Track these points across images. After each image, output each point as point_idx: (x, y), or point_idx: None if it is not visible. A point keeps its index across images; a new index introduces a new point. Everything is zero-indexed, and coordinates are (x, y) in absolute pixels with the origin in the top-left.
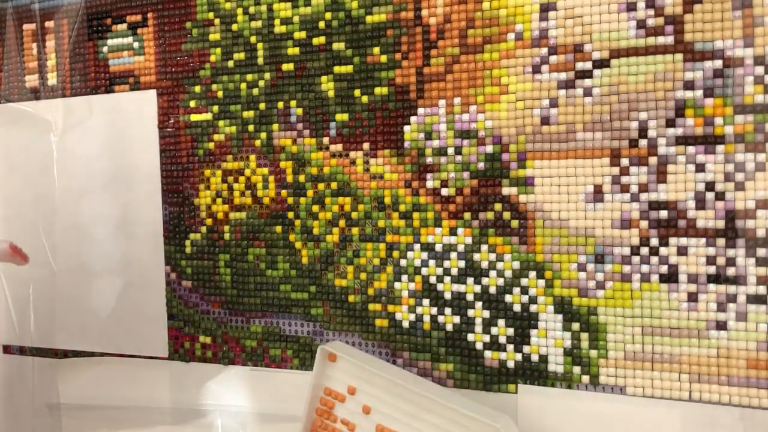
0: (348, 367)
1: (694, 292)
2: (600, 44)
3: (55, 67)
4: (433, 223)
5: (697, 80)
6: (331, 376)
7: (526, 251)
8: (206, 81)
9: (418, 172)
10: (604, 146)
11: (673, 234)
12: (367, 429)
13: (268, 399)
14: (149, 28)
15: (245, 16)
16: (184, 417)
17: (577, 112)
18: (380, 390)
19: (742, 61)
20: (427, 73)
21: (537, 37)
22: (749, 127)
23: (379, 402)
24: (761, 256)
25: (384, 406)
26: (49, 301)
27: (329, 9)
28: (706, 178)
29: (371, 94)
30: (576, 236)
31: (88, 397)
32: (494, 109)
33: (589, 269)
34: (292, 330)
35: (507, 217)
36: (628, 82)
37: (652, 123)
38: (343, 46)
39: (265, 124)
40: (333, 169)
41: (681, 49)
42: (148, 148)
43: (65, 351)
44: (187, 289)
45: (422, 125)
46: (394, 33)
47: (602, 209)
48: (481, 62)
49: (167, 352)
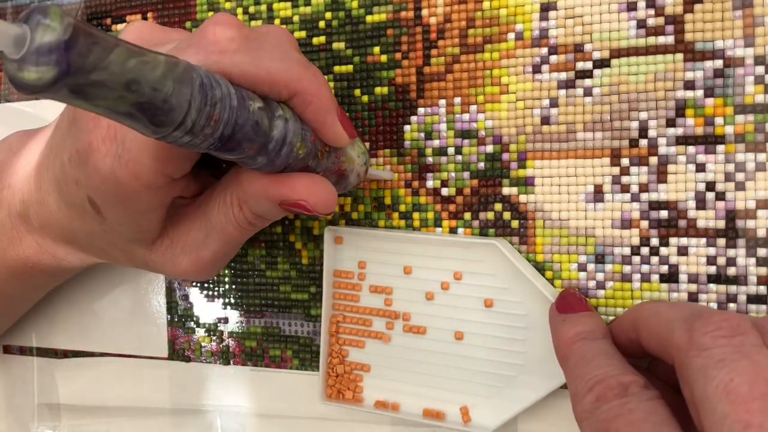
0: (355, 242)
1: (695, 292)
2: (600, 44)
3: None
4: (433, 223)
5: (698, 80)
6: (341, 258)
7: (527, 251)
8: None
9: (418, 172)
10: (604, 146)
11: (674, 234)
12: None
13: (268, 399)
14: None
15: (245, 16)
16: (184, 417)
17: (578, 111)
18: (384, 249)
19: (743, 61)
20: (427, 72)
21: (537, 37)
22: (750, 126)
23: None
24: (762, 256)
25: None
26: (49, 301)
27: (329, 9)
28: (706, 178)
29: (371, 93)
30: (576, 236)
31: (88, 397)
32: (494, 109)
33: (589, 269)
34: (292, 330)
35: (507, 217)
36: (628, 81)
37: (652, 123)
38: (343, 45)
39: None
40: None
41: (681, 48)
42: None
43: (65, 351)
44: (187, 289)
45: (422, 125)
46: (394, 33)
47: (602, 209)
48: (482, 62)
49: (167, 352)
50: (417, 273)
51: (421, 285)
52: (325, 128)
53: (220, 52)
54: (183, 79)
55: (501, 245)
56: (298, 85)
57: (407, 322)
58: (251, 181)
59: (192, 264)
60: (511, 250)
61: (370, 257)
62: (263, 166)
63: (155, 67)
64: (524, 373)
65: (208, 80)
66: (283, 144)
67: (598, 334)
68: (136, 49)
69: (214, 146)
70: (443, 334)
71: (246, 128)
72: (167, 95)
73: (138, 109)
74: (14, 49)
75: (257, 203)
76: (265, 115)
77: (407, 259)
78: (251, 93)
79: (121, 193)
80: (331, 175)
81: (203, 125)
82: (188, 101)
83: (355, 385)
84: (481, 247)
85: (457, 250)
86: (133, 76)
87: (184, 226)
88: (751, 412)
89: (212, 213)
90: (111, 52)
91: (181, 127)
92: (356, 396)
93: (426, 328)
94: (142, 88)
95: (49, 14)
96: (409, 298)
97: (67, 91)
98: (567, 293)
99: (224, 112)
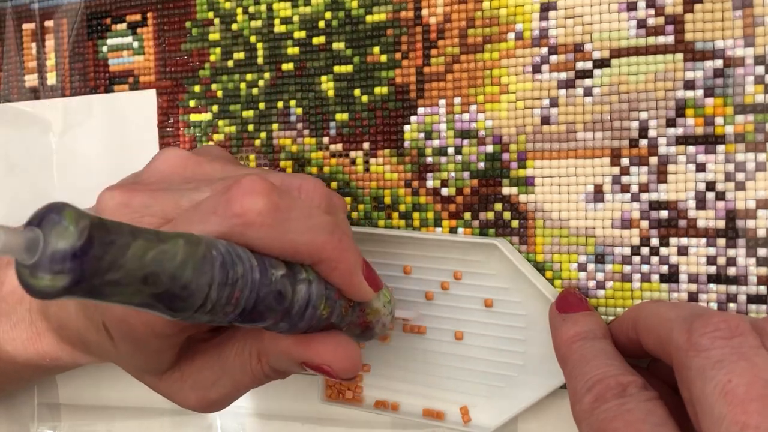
0: (355, 242)
1: (695, 292)
2: (600, 44)
3: (55, 66)
4: (433, 223)
5: (698, 80)
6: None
7: (527, 251)
8: (206, 81)
9: (418, 172)
10: (604, 146)
11: (674, 234)
12: None
13: (268, 399)
14: (149, 28)
15: (245, 16)
16: (183, 417)
17: (578, 111)
18: (383, 249)
19: (743, 61)
20: (427, 72)
21: (537, 37)
22: (750, 126)
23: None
24: (762, 256)
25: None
26: None
27: (329, 8)
28: (706, 177)
29: (371, 93)
30: (576, 236)
31: (88, 397)
32: (494, 109)
33: (589, 269)
34: None
35: (507, 217)
36: (628, 81)
37: (652, 123)
38: (343, 45)
39: (265, 124)
40: (333, 168)
41: (681, 48)
42: (148, 147)
43: None
44: None
45: (422, 125)
46: (394, 32)
47: (602, 209)
48: (482, 62)
49: None
50: (417, 273)
51: (421, 285)
52: (351, 289)
53: (245, 224)
54: (203, 263)
55: (501, 245)
56: (322, 254)
57: (407, 322)
58: (273, 339)
59: (199, 401)
60: (511, 250)
61: (370, 257)
62: (286, 330)
63: (174, 255)
64: (524, 373)
65: (229, 257)
66: (307, 307)
67: (598, 333)
68: (152, 237)
69: (236, 320)
70: (443, 334)
71: (268, 300)
72: (187, 282)
73: (156, 300)
74: (27, 255)
75: (278, 360)
76: (288, 282)
77: (407, 259)
78: (274, 260)
79: (132, 335)
80: (356, 328)
81: (224, 304)
82: (208, 284)
83: (355, 385)
84: (481, 247)
85: (457, 250)
86: (152, 270)
87: (197, 363)
88: (748, 413)
89: (228, 358)
90: (128, 248)
91: (200, 309)
92: (356, 396)
93: (426, 328)
94: (160, 280)
95: (64, 215)
96: (409, 298)
97: (81, 294)
98: (567, 293)
99: (246, 288)
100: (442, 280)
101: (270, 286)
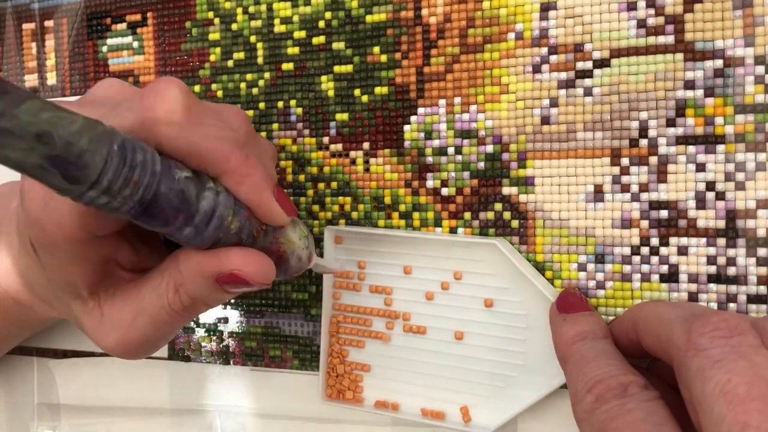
0: (355, 242)
1: (695, 292)
2: (600, 44)
3: (55, 66)
4: (433, 223)
5: (698, 80)
6: (340, 258)
7: (527, 251)
8: (206, 81)
9: (418, 172)
10: (604, 146)
11: (674, 234)
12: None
13: (267, 399)
14: (149, 28)
15: (245, 16)
16: (183, 417)
17: (578, 111)
18: (384, 249)
19: (743, 61)
20: (427, 72)
21: (537, 37)
22: (750, 126)
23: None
24: (762, 255)
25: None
26: None
27: (329, 8)
28: (706, 177)
29: (371, 93)
30: (576, 236)
31: (88, 397)
32: (494, 109)
33: (589, 269)
34: (292, 330)
35: (507, 217)
36: (628, 81)
37: (652, 123)
38: (343, 45)
39: (265, 124)
40: (333, 168)
41: (681, 48)
42: None
43: (65, 351)
44: None
45: (422, 125)
46: (394, 32)
47: (602, 209)
48: (482, 62)
49: (167, 352)
50: (417, 273)
51: (421, 285)
52: (259, 207)
53: (155, 120)
54: (100, 138)
55: (501, 245)
56: (225, 165)
57: (407, 322)
58: (187, 258)
59: (118, 342)
60: (511, 250)
61: (370, 257)
62: (192, 239)
63: (72, 122)
64: (524, 373)
65: (130, 144)
66: (212, 216)
67: (598, 334)
68: (52, 105)
69: (135, 210)
70: (443, 334)
71: (170, 196)
72: (82, 151)
73: (50, 163)
74: None
75: (193, 283)
76: (193, 185)
77: (407, 259)
78: (180, 164)
79: (47, 239)
80: (271, 256)
81: (121, 186)
82: (104, 159)
83: (356, 385)
84: (481, 247)
85: (457, 250)
86: (46, 128)
87: (117, 301)
88: (748, 412)
89: (145, 294)
90: (23, 102)
91: (96, 186)
92: (356, 396)
93: (426, 328)
94: (54, 141)
95: None
96: (409, 298)
97: None
98: (567, 293)
99: (145, 176)
100: (442, 279)
101: (172, 183)
